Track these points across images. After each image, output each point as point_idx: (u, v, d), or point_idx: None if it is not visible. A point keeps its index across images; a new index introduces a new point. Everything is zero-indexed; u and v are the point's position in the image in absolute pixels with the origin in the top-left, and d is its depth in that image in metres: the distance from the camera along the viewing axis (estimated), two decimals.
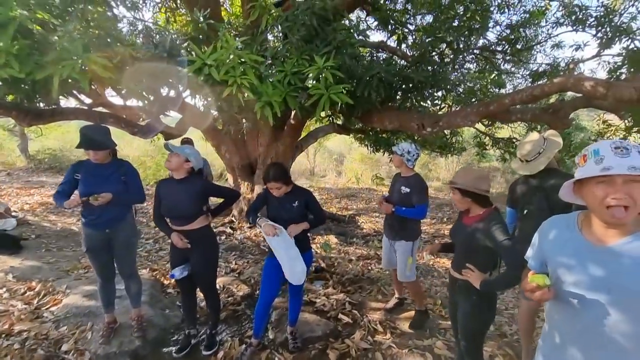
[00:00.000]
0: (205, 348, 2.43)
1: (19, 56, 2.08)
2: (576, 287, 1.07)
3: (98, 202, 2.13)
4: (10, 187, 7.22)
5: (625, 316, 0.99)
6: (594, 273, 1.04)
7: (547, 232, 1.20)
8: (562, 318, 1.14)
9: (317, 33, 3.28)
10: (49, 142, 12.21)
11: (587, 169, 1.01)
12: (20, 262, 3.63)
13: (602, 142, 1.04)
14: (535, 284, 1.07)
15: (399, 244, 2.75)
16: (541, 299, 1.08)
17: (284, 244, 2.16)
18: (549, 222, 1.22)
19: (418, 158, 2.78)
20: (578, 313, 1.07)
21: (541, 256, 1.22)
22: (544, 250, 1.20)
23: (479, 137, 6.94)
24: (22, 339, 2.46)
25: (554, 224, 1.20)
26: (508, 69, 6.40)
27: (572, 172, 2.06)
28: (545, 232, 1.21)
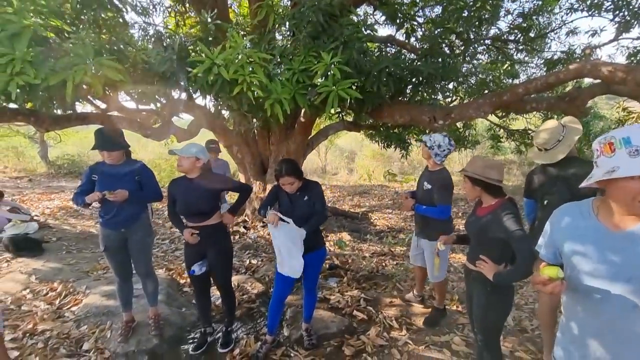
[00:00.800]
0: (221, 345, 2.45)
1: (34, 63, 2.13)
2: (593, 277, 1.02)
3: (114, 196, 2.17)
4: (32, 193, 7.47)
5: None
6: (612, 260, 0.99)
7: (559, 220, 1.16)
8: (580, 310, 1.09)
9: (324, 29, 3.26)
10: (67, 148, 12.60)
11: (623, 161, 0.91)
12: (43, 264, 3.74)
13: (630, 128, 0.94)
14: (546, 277, 1.02)
15: (425, 243, 2.65)
16: (552, 292, 1.04)
17: (284, 236, 2.13)
18: (560, 210, 1.17)
19: (449, 154, 2.57)
20: (596, 304, 1.03)
21: (553, 245, 1.18)
22: (557, 239, 1.15)
23: (493, 130, 6.79)
24: (46, 338, 2.54)
25: (566, 211, 1.15)
26: (521, 59, 6.22)
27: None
28: (557, 220, 1.16)
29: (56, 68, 2.25)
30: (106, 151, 2.25)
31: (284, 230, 2.12)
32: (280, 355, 2.39)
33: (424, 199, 2.57)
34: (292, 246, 2.13)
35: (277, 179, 2.20)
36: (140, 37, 4.88)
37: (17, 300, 3.02)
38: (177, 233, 5.22)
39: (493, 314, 1.78)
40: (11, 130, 10.79)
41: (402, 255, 4.43)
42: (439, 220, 2.52)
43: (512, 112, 5.59)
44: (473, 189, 1.74)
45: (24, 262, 3.81)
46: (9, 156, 11.98)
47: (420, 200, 2.61)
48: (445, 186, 2.48)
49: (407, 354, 2.38)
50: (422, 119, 3.91)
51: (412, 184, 10.56)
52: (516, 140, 6.54)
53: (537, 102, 3.98)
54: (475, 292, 1.85)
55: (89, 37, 2.55)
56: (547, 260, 1.20)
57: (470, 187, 1.75)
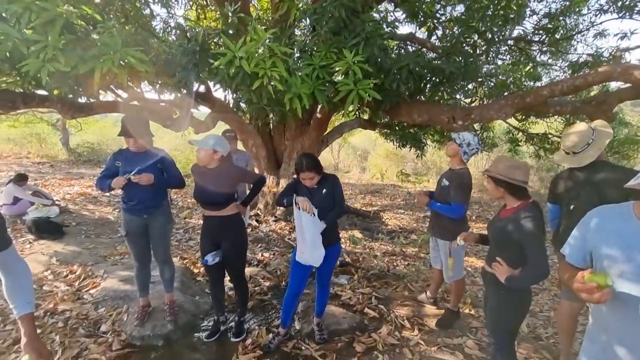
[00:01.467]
0: (233, 335, 2.49)
1: (64, 50, 2.19)
2: (633, 282, 0.99)
3: (138, 179, 2.21)
4: (53, 178, 7.71)
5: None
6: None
7: (593, 222, 1.12)
8: (616, 317, 1.06)
9: (346, 25, 3.24)
10: (87, 137, 12.94)
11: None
12: (63, 247, 3.86)
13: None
14: (595, 284, 0.98)
15: (439, 242, 2.65)
16: (599, 301, 0.99)
17: (312, 225, 2.12)
18: (596, 213, 1.14)
19: (476, 154, 2.56)
20: (636, 311, 0.99)
21: (584, 249, 1.14)
22: (590, 242, 1.12)
23: (511, 133, 6.63)
24: (65, 318, 2.63)
25: (602, 214, 1.12)
26: (544, 61, 6.05)
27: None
28: (592, 223, 1.13)
29: (85, 57, 2.31)
30: (132, 138, 2.29)
31: (310, 219, 2.12)
32: (291, 348, 2.41)
33: (440, 196, 2.57)
34: (317, 235, 2.13)
35: (298, 173, 2.20)
36: (161, 29, 4.96)
37: (39, 281, 3.13)
38: (191, 223, 5.31)
39: (505, 317, 1.75)
40: (35, 117, 11.13)
41: (414, 256, 4.40)
42: (453, 219, 2.49)
43: (534, 115, 5.46)
44: (496, 189, 1.71)
45: (45, 244, 3.94)
46: (32, 142, 12.37)
47: (436, 198, 2.60)
48: (463, 185, 2.45)
49: (419, 354, 2.37)
50: (440, 118, 3.86)
51: (426, 185, 10.44)
52: (535, 145, 6.38)
53: (562, 105, 3.88)
54: (489, 293, 1.84)
55: (116, 27, 2.60)
56: (574, 264, 1.17)
57: (493, 187, 1.72)
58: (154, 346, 2.40)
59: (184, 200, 6.62)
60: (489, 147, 6.77)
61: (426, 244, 4.81)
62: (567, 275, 1.16)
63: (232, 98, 3.94)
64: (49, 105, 3.36)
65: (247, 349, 2.37)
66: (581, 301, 2.05)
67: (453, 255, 2.52)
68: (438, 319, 2.75)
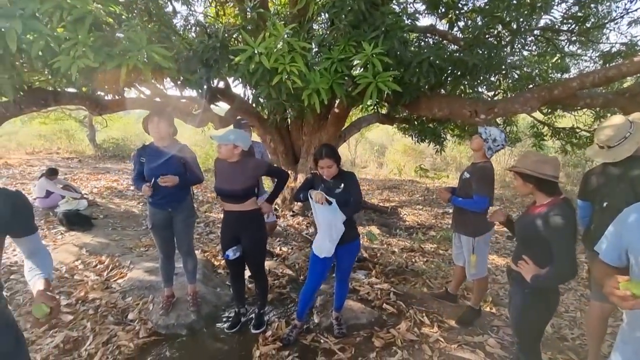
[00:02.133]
0: (254, 327, 2.54)
1: (93, 48, 2.27)
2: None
3: (164, 181, 2.28)
4: (81, 172, 8.05)
5: None
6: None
7: (633, 219, 1.07)
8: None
9: (365, 18, 3.19)
10: (112, 133, 13.41)
11: None
12: (92, 239, 4.04)
13: None
14: (629, 293, 0.93)
15: (462, 238, 2.60)
16: (632, 308, 0.96)
17: (331, 215, 2.13)
18: (634, 209, 1.08)
19: (500, 150, 2.52)
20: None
21: (620, 246, 1.09)
22: (628, 239, 1.07)
23: (536, 127, 6.39)
24: (95, 306, 2.75)
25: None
26: (573, 51, 5.77)
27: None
28: (630, 219, 1.08)
29: (112, 53, 2.38)
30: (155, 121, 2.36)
31: (328, 210, 2.12)
32: (310, 341, 2.43)
33: (462, 190, 2.53)
34: (337, 226, 2.13)
35: (316, 161, 2.20)
36: (182, 26, 5.04)
37: (70, 270, 3.29)
38: (211, 217, 5.43)
39: (530, 317, 1.70)
40: (64, 114, 11.62)
41: (433, 253, 4.34)
42: (475, 214, 2.43)
43: (560, 108, 5.24)
44: (524, 185, 1.65)
45: (75, 235, 4.14)
46: (61, 138, 12.95)
47: (458, 193, 2.56)
48: (485, 177, 2.40)
49: (439, 351, 2.34)
50: (462, 112, 3.76)
51: (445, 180, 10.24)
52: (562, 139, 6.12)
53: (592, 97, 3.70)
54: (513, 292, 1.79)
55: (140, 25, 2.67)
56: (609, 262, 1.12)
57: (521, 184, 1.66)
58: (178, 335, 2.48)
59: (204, 194, 6.76)
60: (512, 142, 6.55)
61: (445, 241, 4.74)
62: (600, 275, 1.11)
63: (251, 94, 3.97)
64: (78, 102, 3.50)
65: (267, 340, 2.42)
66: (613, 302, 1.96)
67: (476, 252, 2.47)
68: (458, 316, 2.71)
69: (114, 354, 2.26)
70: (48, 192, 4.90)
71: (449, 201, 2.56)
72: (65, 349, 2.29)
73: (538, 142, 6.32)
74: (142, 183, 2.37)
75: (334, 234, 2.16)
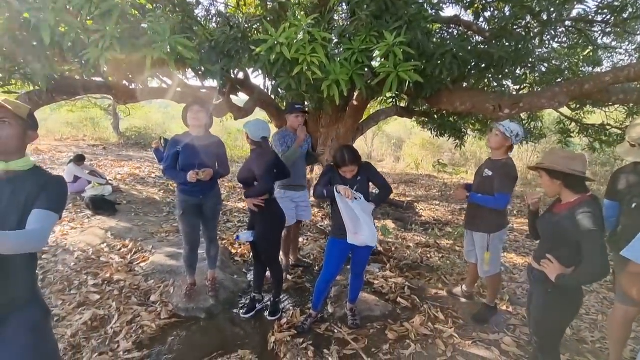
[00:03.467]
0: (270, 314, 2.60)
1: (120, 39, 2.33)
2: None
3: (204, 176, 2.36)
4: (105, 159, 8.35)
5: None
6: None
7: None
8: None
9: (387, 8, 3.13)
10: (134, 121, 13.81)
11: None
12: (116, 223, 4.21)
13: None
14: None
15: (476, 235, 2.55)
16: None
17: (360, 209, 2.13)
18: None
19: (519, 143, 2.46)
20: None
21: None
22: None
23: (562, 123, 6.13)
24: (120, 287, 2.89)
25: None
26: (607, 44, 5.46)
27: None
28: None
29: (138, 44, 2.44)
30: (195, 108, 2.43)
31: (358, 203, 2.14)
32: (324, 330, 2.48)
33: (481, 187, 2.45)
34: (367, 217, 2.15)
35: (338, 167, 2.21)
36: (203, 16, 5.09)
37: (97, 252, 3.46)
38: (229, 205, 5.54)
39: (552, 317, 1.67)
40: (90, 103, 12.03)
41: (449, 249, 4.29)
42: (492, 211, 2.38)
43: (590, 104, 5.00)
44: (552, 183, 1.60)
45: (101, 219, 4.32)
46: (87, 126, 13.45)
47: (476, 189, 2.50)
48: (509, 174, 2.33)
49: (452, 347, 2.34)
50: (485, 107, 3.66)
51: (463, 176, 10.03)
52: (590, 136, 5.85)
53: (626, 93, 3.52)
54: (535, 291, 1.75)
55: (165, 15, 2.71)
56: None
57: (548, 181, 1.61)
58: (197, 318, 2.58)
59: (222, 184, 6.91)
60: (536, 138, 6.32)
61: (462, 238, 4.66)
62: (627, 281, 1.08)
63: (271, 85, 3.99)
64: (105, 91, 3.61)
65: (282, 327, 2.48)
66: (638, 306, 1.90)
67: (491, 249, 2.42)
68: (474, 313, 2.69)
69: (137, 333, 2.37)
70: (76, 177, 5.13)
71: (465, 199, 2.50)
72: (92, 326, 2.42)
73: (564, 139, 6.07)
74: (176, 172, 2.43)
75: (371, 223, 2.17)
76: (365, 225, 2.13)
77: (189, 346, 2.30)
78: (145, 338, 2.33)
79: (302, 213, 3.19)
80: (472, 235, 2.61)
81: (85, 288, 2.84)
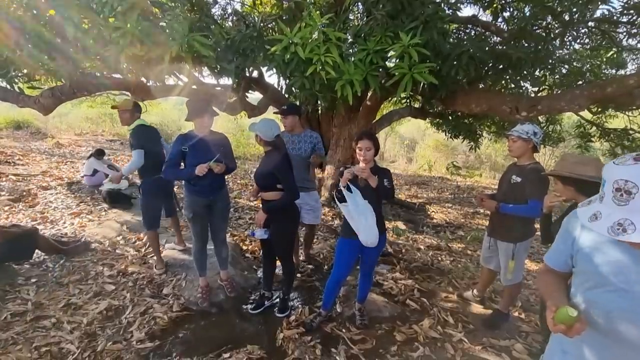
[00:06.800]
0: (278, 310, 2.62)
1: (140, 37, 2.40)
2: None
3: (218, 168, 2.36)
4: (122, 154, 8.57)
5: None
6: None
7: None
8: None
9: (404, 7, 3.10)
10: (150, 118, 14.06)
11: None
12: (132, 217, 4.32)
13: None
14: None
15: (500, 244, 2.44)
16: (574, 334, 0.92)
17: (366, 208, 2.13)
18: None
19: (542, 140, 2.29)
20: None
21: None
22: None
23: (582, 127, 5.95)
24: (134, 279, 2.96)
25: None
26: (632, 45, 5.26)
27: None
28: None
29: (157, 42, 2.50)
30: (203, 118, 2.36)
31: (353, 202, 2.12)
32: (332, 329, 2.48)
33: (509, 194, 2.31)
34: (363, 218, 2.12)
35: (357, 142, 2.17)
36: (220, 15, 5.15)
37: (113, 244, 3.55)
38: (240, 202, 5.60)
39: None
40: (109, 99, 12.33)
41: (460, 253, 4.23)
42: (521, 219, 2.28)
43: (613, 107, 4.84)
44: (565, 189, 1.57)
45: (117, 212, 4.44)
46: (106, 121, 13.81)
47: (503, 197, 2.36)
48: (541, 180, 2.16)
49: (462, 351, 2.31)
50: (502, 109, 3.60)
51: (477, 179, 9.86)
52: (612, 141, 5.66)
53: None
54: None
55: (183, 14, 2.77)
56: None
57: (561, 188, 1.58)
58: (208, 312, 2.62)
59: (234, 181, 6.98)
60: (554, 142, 6.16)
61: (474, 241, 4.59)
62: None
63: (285, 84, 4.02)
64: (124, 87, 3.71)
65: (290, 325, 2.49)
66: None
67: (515, 258, 2.35)
68: (485, 318, 2.65)
69: (150, 324, 2.43)
70: (95, 170, 5.29)
71: (495, 209, 2.34)
72: (107, 315, 2.49)
73: (584, 143, 5.89)
74: (178, 170, 2.42)
75: (373, 223, 2.15)
76: (361, 226, 2.12)
77: (199, 339, 2.34)
78: (157, 329, 2.39)
79: (306, 215, 3.11)
80: (496, 242, 2.51)
81: (101, 279, 2.93)
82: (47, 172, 6.24)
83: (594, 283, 0.97)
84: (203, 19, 3.14)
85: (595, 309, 0.97)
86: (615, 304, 0.92)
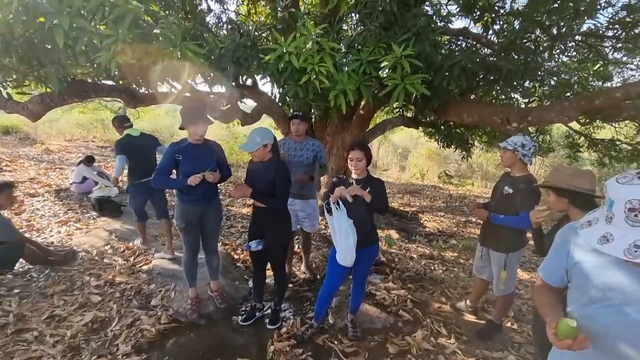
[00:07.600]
0: (269, 322, 2.57)
1: (132, 44, 2.38)
2: None
3: (212, 178, 2.33)
4: (113, 161, 8.44)
5: None
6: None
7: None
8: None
9: (397, 19, 3.15)
10: (142, 124, 13.98)
11: None
12: (121, 225, 4.24)
13: None
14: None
15: (492, 254, 2.45)
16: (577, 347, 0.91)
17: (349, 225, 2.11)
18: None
19: (535, 152, 2.31)
20: None
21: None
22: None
23: (571, 137, 6.07)
24: (122, 289, 2.89)
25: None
26: (618, 59, 5.41)
27: None
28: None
29: (149, 50, 2.48)
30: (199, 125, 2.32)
31: (338, 217, 2.11)
32: (324, 341, 2.44)
33: (501, 205, 2.33)
34: (344, 236, 2.10)
35: (348, 152, 2.18)
36: (214, 23, 5.17)
37: (100, 253, 3.47)
38: (232, 210, 5.55)
39: None
40: (100, 105, 12.23)
41: (453, 262, 4.23)
42: (512, 230, 2.29)
43: (600, 118, 4.95)
44: (558, 200, 1.57)
45: (106, 221, 4.35)
46: (97, 127, 13.66)
47: (495, 208, 2.38)
48: (533, 192, 2.18)
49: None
50: (492, 120, 3.64)
51: (469, 188, 9.95)
52: (599, 151, 5.78)
53: (638, 109, 3.48)
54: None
55: (177, 22, 2.76)
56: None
57: (555, 199, 1.59)
58: (197, 324, 2.56)
59: (226, 188, 6.92)
60: (544, 152, 6.26)
61: (467, 250, 4.60)
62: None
63: (278, 92, 4.03)
64: (116, 95, 3.67)
65: (281, 336, 2.44)
66: None
67: (508, 268, 2.36)
68: (478, 329, 2.63)
69: (137, 336, 2.36)
70: (84, 177, 5.19)
71: (487, 219, 2.37)
72: (93, 327, 2.42)
73: (573, 153, 6.00)
74: (169, 179, 2.39)
75: (353, 242, 2.12)
76: (340, 245, 2.11)
77: (188, 352, 2.28)
78: (144, 342, 2.32)
79: (304, 223, 3.16)
80: (488, 252, 2.51)
81: (88, 289, 2.85)
82: (35, 179, 6.12)
83: (590, 298, 0.96)
84: (197, 27, 3.13)
85: (593, 325, 0.96)
86: (613, 319, 0.92)
